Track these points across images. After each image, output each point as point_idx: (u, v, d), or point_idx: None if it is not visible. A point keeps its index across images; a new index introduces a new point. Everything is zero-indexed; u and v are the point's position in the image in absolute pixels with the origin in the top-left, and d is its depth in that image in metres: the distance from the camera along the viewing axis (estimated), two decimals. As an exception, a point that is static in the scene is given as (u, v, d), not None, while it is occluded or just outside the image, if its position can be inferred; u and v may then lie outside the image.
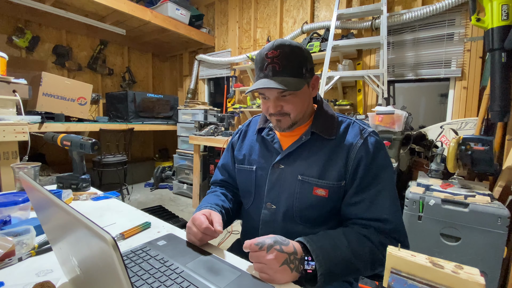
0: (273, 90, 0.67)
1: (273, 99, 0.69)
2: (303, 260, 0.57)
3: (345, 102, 2.64)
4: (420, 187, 1.45)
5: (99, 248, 0.30)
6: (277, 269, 0.53)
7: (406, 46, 2.42)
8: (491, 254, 1.21)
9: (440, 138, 2.05)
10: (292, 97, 0.68)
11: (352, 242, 0.62)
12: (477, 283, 0.37)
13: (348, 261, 0.59)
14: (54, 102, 2.64)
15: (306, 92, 0.71)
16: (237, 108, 3.46)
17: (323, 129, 0.72)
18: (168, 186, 3.87)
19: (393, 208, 0.67)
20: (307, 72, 0.69)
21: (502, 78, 1.45)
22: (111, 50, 4.05)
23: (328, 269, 0.56)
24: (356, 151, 0.68)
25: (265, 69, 0.66)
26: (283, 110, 0.70)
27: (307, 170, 0.70)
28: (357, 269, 0.61)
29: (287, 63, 0.65)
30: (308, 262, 0.57)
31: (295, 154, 0.73)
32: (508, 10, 1.40)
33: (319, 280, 0.55)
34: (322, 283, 0.56)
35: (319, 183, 0.69)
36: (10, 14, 2.97)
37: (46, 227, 0.52)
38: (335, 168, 0.68)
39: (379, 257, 0.63)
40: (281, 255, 0.54)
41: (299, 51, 0.67)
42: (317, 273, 0.55)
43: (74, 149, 1.08)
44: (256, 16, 3.50)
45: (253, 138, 0.84)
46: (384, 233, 0.65)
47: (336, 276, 0.58)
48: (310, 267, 0.56)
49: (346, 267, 0.59)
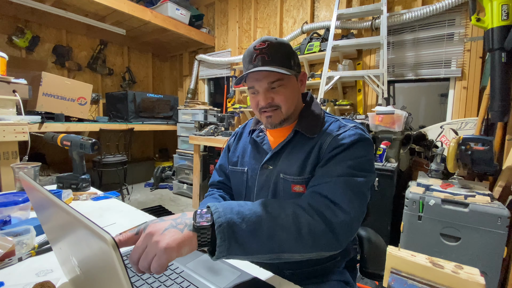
0: (263, 80, 0.68)
1: (263, 91, 0.69)
2: (195, 216, 0.45)
3: (345, 102, 2.64)
4: (420, 187, 1.45)
5: (99, 248, 0.30)
6: (160, 237, 0.41)
7: (406, 46, 2.42)
8: (491, 254, 1.21)
9: (440, 138, 2.05)
10: (282, 88, 0.69)
11: (269, 203, 0.52)
12: (477, 283, 0.37)
13: (259, 217, 0.48)
14: (54, 102, 2.64)
15: (295, 86, 0.72)
16: (237, 108, 3.46)
17: (306, 128, 0.71)
18: (168, 186, 3.87)
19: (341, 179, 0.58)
20: (295, 66, 0.70)
21: (502, 78, 1.45)
22: (111, 50, 4.05)
23: (229, 221, 0.45)
24: (330, 141, 0.66)
25: (254, 60, 0.67)
26: (274, 102, 0.69)
27: (288, 168, 0.70)
28: (273, 234, 0.48)
29: (275, 53, 0.66)
30: (202, 215, 0.46)
31: (280, 153, 0.74)
32: (508, 10, 1.40)
33: (217, 234, 0.43)
34: (223, 242, 0.44)
35: (296, 180, 0.68)
36: (10, 14, 2.97)
37: (46, 227, 0.52)
38: (311, 163, 0.67)
39: (306, 219, 0.51)
40: (161, 223, 0.43)
41: (285, 45, 0.69)
42: (215, 225, 0.44)
43: (74, 149, 1.08)
44: (256, 16, 3.50)
45: (246, 140, 0.85)
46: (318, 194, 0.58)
47: (242, 234, 0.45)
48: (205, 219, 0.45)
49: (257, 223, 0.47)
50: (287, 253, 0.49)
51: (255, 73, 0.68)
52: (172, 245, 0.40)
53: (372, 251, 0.83)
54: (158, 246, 0.40)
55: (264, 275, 0.57)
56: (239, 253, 0.46)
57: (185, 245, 0.42)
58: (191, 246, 0.43)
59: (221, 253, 0.44)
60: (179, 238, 0.41)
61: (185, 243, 0.42)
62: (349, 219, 0.54)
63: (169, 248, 0.40)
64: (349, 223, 0.54)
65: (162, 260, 0.39)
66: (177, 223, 0.44)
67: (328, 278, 0.73)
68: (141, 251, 0.41)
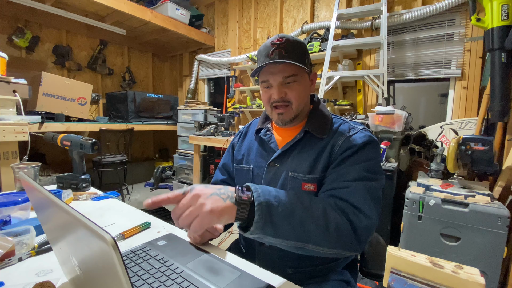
0: (279, 74, 0.69)
1: (277, 85, 0.70)
2: (237, 191, 0.49)
3: (345, 102, 2.64)
4: (420, 187, 1.45)
5: (99, 248, 0.30)
6: (206, 200, 0.44)
7: (406, 46, 2.42)
8: (491, 254, 1.21)
9: (440, 138, 2.05)
10: (295, 84, 0.70)
11: (300, 194, 0.56)
12: (477, 283, 0.37)
13: (293, 204, 0.51)
14: (54, 102, 2.64)
15: (307, 84, 0.74)
16: (237, 108, 3.46)
17: (316, 128, 0.73)
18: (168, 186, 3.87)
19: (360, 183, 0.61)
20: (309, 64, 0.72)
21: (502, 78, 1.45)
22: (111, 50, 4.05)
23: (267, 202, 0.48)
24: (342, 142, 0.69)
25: (271, 54, 0.68)
26: (287, 97, 0.71)
27: (298, 167, 0.71)
28: (304, 222, 0.51)
29: (292, 50, 0.68)
30: (244, 191, 0.49)
31: (289, 152, 0.74)
32: (508, 10, 1.40)
33: (256, 211, 0.47)
34: (260, 219, 0.47)
35: (307, 178, 0.69)
36: (10, 14, 2.97)
37: (46, 227, 0.52)
38: (322, 162, 0.69)
39: (334, 217, 0.54)
40: (207, 189, 0.47)
41: (301, 43, 0.71)
42: (254, 202, 0.47)
43: (74, 149, 1.08)
44: (256, 16, 3.50)
45: (252, 139, 0.86)
46: (339, 199, 0.60)
47: (277, 216, 0.48)
48: (246, 195, 0.48)
49: (291, 210, 0.50)
50: (313, 244, 0.52)
51: (270, 67, 0.69)
52: (215, 211, 0.43)
53: (372, 251, 0.84)
54: (203, 208, 0.43)
55: (264, 275, 0.57)
56: (271, 233, 0.49)
57: (226, 214, 0.45)
58: (230, 217, 0.46)
59: (256, 229, 0.47)
60: (221, 206, 0.45)
61: (226, 212, 0.45)
62: (371, 225, 0.58)
63: (212, 213, 0.43)
64: (371, 228, 0.58)
65: (204, 222, 0.43)
66: (221, 193, 0.47)
67: (328, 277, 0.74)
68: (185, 209, 0.44)
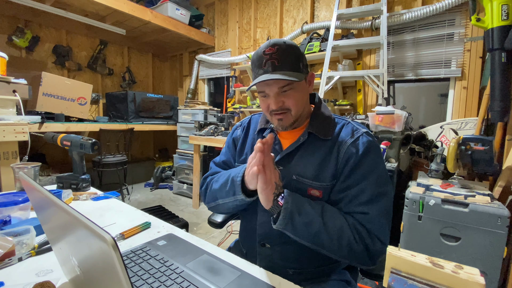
0: (274, 85, 0.67)
1: (273, 95, 0.69)
2: (281, 194, 0.64)
3: (345, 102, 2.64)
4: (420, 187, 1.45)
5: (99, 248, 0.30)
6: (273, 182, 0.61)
7: (406, 46, 2.42)
8: (491, 254, 1.21)
9: (440, 138, 2.05)
10: (292, 92, 0.69)
11: (327, 209, 0.65)
12: (477, 283, 0.37)
13: (314, 216, 0.62)
14: (54, 102, 2.64)
15: (305, 88, 0.72)
16: (237, 108, 3.46)
17: (319, 130, 0.72)
18: (168, 186, 3.87)
19: (374, 206, 0.66)
20: (304, 68, 0.70)
21: (502, 78, 1.45)
22: (111, 50, 4.05)
23: (291, 211, 0.62)
24: (345, 150, 0.69)
25: (264, 66, 0.66)
26: (285, 105, 0.69)
27: (302, 171, 0.70)
28: (319, 234, 0.62)
29: (285, 58, 0.66)
30: (283, 197, 0.63)
31: (292, 154, 0.74)
32: (508, 10, 1.40)
33: (281, 213, 0.61)
34: (283, 219, 0.61)
35: (314, 185, 0.69)
36: (10, 14, 2.97)
37: (46, 227, 0.52)
38: (329, 169, 0.69)
39: (348, 236, 0.62)
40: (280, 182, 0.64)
41: (294, 47, 0.68)
42: (282, 207, 0.62)
43: (74, 149, 1.08)
44: (256, 16, 3.50)
45: (255, 138, 0.84)
46: (357, 223, 0.65)
47: (298, 222, 0.62)
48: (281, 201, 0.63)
49: (310, 220, 0.62)
50: (326, 251, 0.63)
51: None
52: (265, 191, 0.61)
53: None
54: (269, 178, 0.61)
55: (264, 275, 0.57)
56: (291, 232, 0.63)
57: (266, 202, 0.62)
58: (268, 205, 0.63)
59: (280, 225, 0.62)
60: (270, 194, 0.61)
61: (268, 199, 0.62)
62: (384, 249, 0.61)
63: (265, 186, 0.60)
64: (384, 251, 0.61)
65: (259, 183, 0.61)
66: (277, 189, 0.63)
67: (329, 277, 0.74)
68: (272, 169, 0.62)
